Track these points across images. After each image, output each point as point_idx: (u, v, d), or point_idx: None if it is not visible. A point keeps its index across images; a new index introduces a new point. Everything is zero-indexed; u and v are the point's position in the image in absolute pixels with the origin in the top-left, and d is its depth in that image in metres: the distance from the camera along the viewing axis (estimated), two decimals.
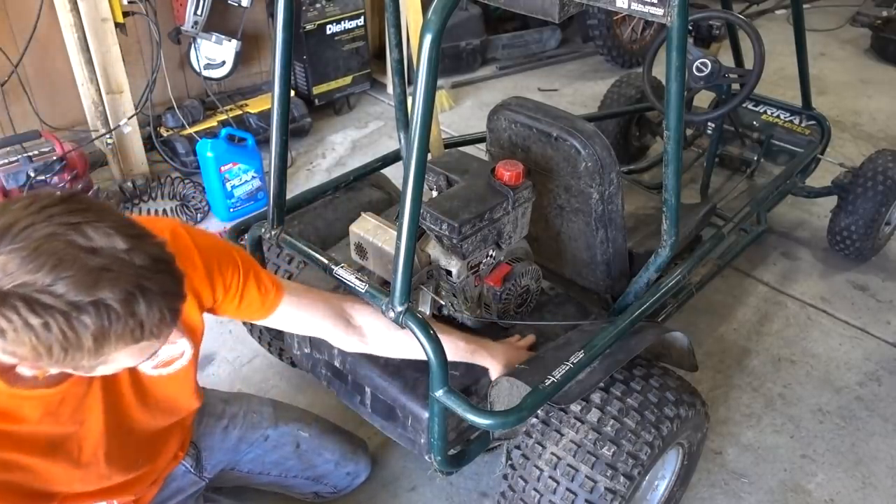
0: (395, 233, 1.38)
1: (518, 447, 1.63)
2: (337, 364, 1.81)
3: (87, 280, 0.91)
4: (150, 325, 0.97)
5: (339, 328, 1.58)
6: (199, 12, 3.21)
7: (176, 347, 1.35)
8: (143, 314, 0.96)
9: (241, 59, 3.42)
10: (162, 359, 1.33)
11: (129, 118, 3.12)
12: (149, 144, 3.32)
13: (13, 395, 1.09)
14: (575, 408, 1.59)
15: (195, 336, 1.38)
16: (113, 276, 0.93)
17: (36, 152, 2.83)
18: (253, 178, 3.12)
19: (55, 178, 2.85)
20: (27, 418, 1.12)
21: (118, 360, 1.01)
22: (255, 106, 3.56)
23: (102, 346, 0.95)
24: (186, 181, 3.20)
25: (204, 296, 1.35)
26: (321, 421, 1.92)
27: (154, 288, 0.97)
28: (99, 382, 1.23)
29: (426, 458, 1.66)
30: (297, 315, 1.53)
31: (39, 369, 1.06)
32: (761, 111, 3.14)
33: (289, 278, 2.03)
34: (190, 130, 3.32)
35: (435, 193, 1.85)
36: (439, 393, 1.44)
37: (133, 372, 1.30)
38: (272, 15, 3.55)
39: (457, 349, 1.59)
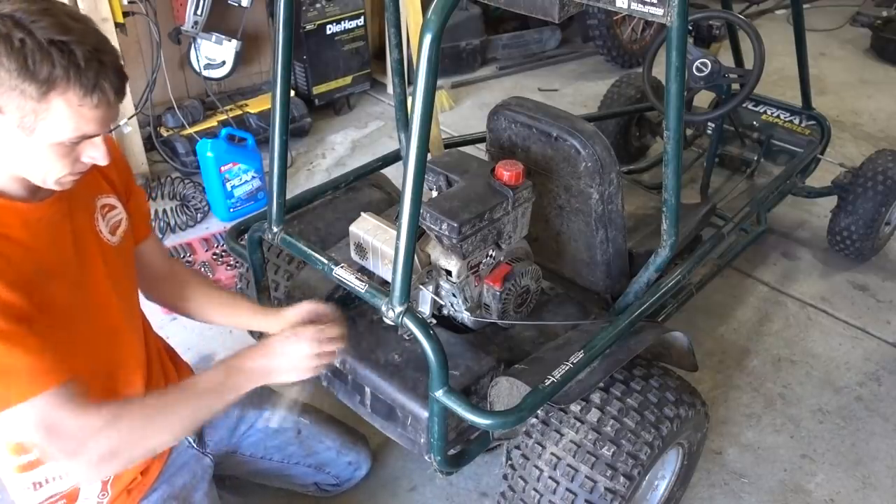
0: (395, 233, 1.38)
1: (518, 447, 1.63)
2: (337, 364, 1.81)
3: (63, 26, 1.10)
4: (103, 84, 1.12)
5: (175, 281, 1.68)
6: (199, 12, 3.21)
7: (116, 212, 1.47)
8: (100, 73, 1.12)
9: (241, 59, 3.42)
10: (111, 223, 1.45)
11: (130, 118, 3.12)
12: (149, 144, 3.32)
13: (3, 207, 1.21)
14: (575, 408, 1.59)
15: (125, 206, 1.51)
16: (82, 33, 1.12)
17: None
18: (253, 178, 3.12)
19: None
20: (13, 238, 1.22)
21: (59, 114, 1.12)
22: (255, 106, 3.56)
23: (54, 84, 1.09)
24: (186, 181, 3.20)
25: (120, 176, 1.52)
26: (320, 412, 1.94)
27: (111, 60, 1.15)
28: (69, 226, 1.33)
29: (426, 458, 1.66)
30: (160, 255, 1.67)
31: None
32: (761, 111, 3.14)
33: (289, 279, 2.03)
34: (190, 130, 3.32)
35: (435, 193, 1.85)
36: (439, 393, 1.44)
37: (98, 241, 1.41)
38: (272, 15, 3.56)
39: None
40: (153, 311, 1.73)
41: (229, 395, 1.38)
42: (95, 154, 1.22)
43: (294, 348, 1.45)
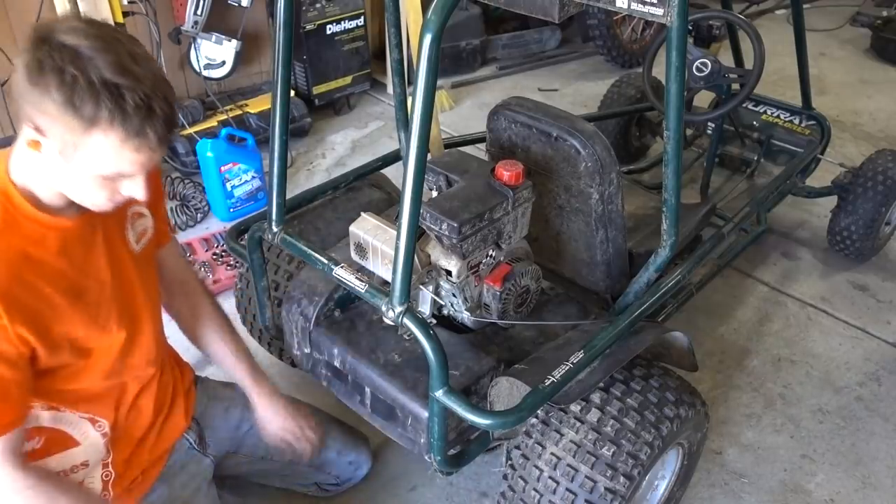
0: (395, 233, 1.38)
1: (518, 447, 1.63)
2: (337, 364, 1.81)
3: (121, 67, 1.09)
4: (147, 132, 1.12)
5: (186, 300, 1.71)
6: (199, 12, 3.21)
7: (145, 220, 1.50)
8: (147, 120, 1.12)
9: (241, 59, 3.42)
10: (138, 231, 1.48)
11: None
12: None
13: (38, 221, 1.24)
14: (575, 408, 1.59)
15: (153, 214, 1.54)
16: (138, 77, 1.11)
17: None
18: (253, 178, 3.12)
19: None
20: (50, 249, 1.26)
21: (99, 151, 1.13)
22: (255, 106, 3.56)
23: (97, 123, 1.09)
24: (186, 181, 3.20)
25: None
26: (321, 412, 1.94)
27: (162, 108, 1.13)
28: (101, 238, 1.36)
29: (426, 458, 1.66)
30: (176, 261, 1.69)
31: (37, 129, 1.13)
32: (761, 111, 3.14)
33: (288, 279, 2.03)
34: (190, 130, 3.31)
35: (435, 193, 1.85)
36: (439, 393, 1.44)
37: (127, 249, 1.44)
38: (272, 15, 3.55)
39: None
40: None
41: None
42: (134, 191, 1.24)
43: None
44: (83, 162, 1.15)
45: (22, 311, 1.20)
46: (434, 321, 1.79)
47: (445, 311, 1.79)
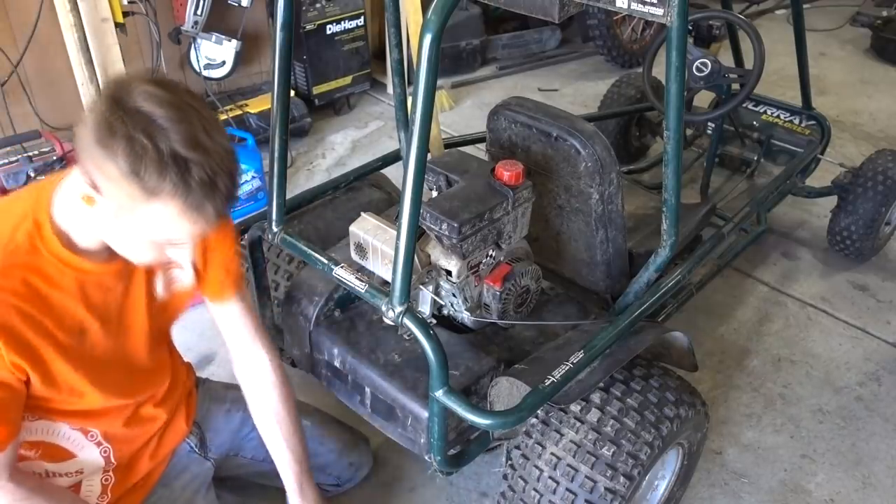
0: (395, 233, 1.38)
1: (518, 447, 1.63)
2: (337, 364, 1.81)
3: (193, 142, 1.08)
4: (208, 208, 1.11)
5: (249, 362, 1.63)
6: (199, 12, 3.21)
7: (181, 272, 1.46)
8: (209, 196, 1.10)
9: (241, 59, 3.42)
10: (168, 279, 1.44)
11: None
12: None
13: (61, 259, 1.23)
14: (575, 408, 1.59)
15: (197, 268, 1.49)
16: (208, 152, 1.09)
17: (36, 152, 2.82)
18: (253, 178, 3.11)
19: None
20: (64, 288, 1.25)
21: (155, 218, 1.12)
22: (255, 106, 3.56)
23: (158, 195, 1.07)
24: None
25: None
26: (322, 413, 1.94)
27: (226, 185, 1.13)
28: (123, 287, 1.35)
29: (426, 458, 1.66)
30: (237, 320, 1.59)
31: (93, 186, 1.12)
32: (761, 111, 3.14)
33: (288, 279, 2.03)
34: None
35: (435, 193, 1.85)
36: (439, 393, 1.44)
37: (149, 298, 1.41)
38: (272, 15, 3.54)
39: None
40: None
41: None
42: (180, 257, 1.25)
43: None
44: (136, 225, 1.14)
45: (20, 343, 1.19)
46: (434, 321, 1.79)
47: (445, 311, 1.79)
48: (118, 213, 1.13)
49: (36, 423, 1.35)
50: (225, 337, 1.60)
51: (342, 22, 3.72)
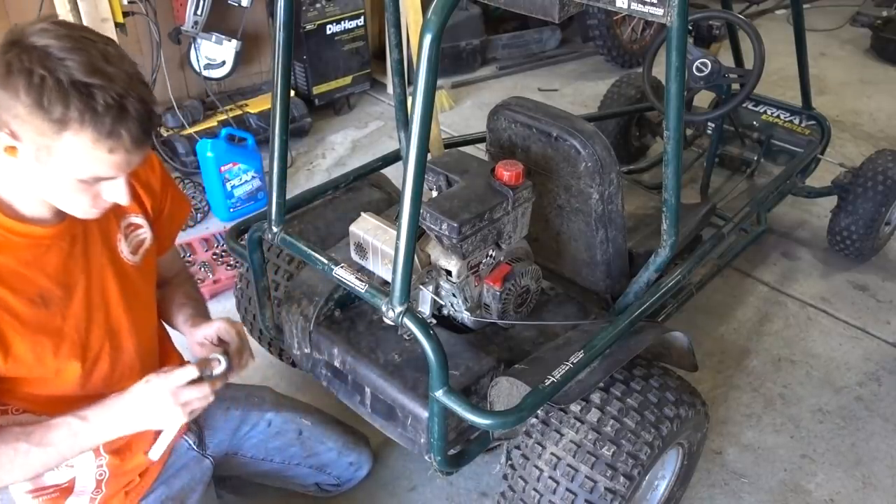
0: (395, 233, 1.38)
1: (518, 447, 1.63)
2: (337, 364, 1.81)
3: (92, 67, 1.07)
4: (120, 132, 1.10)
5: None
6: (199, 12, 3.21)
7: (141, 231, 1.46)
8: (119, 120, 1.09)
9: (241, 59, 3.42)
10: (133, 243, 1.44)
11: None
12: None
13: (8, 228, 1.22)
14: (575, 408, 1.59)
15: (151, 224, 1.50)
16: (111, 77, 1.08)
17: None
18: (253, 178, 3.12)
19: None
20: (17, 257, 1.23)
21: (72, 153, 1.11)
22: (255, 106, 3.56)
23: (67, 125, 1.07)
24: (186, 181, 3.20)
25: (154, 196, 1.50)
26: (322, 413, 1.94)
27: (137, 108, 1.11)
28: (81, 249, 1.33)
29: (426, 458, 1.66)
30: (171, 262, 1.67)
31: (11, 135, 1.11)
32: (761, 111, 3.14)
33: (288, 279, 2.03)
34: (190, 130, 3.31)
35: (435, 193, 1.85)
36: (439, 393, 1.44)
37: (115, 261, 1.40)
38: (272, 15, 3.55)
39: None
40: None
41: (78, 450, 1.30)
42: (115, 194, 1.22)
43: (149, 400, 1.30)
44: (58, 166, 1.13)
45: None
46: (434, 321, 1.79)
47: (445, 311, 1.79)
48: (38, 157, 1.12)
49: (21, 416, 1.33)
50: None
51: (342, 22, 3.72)
